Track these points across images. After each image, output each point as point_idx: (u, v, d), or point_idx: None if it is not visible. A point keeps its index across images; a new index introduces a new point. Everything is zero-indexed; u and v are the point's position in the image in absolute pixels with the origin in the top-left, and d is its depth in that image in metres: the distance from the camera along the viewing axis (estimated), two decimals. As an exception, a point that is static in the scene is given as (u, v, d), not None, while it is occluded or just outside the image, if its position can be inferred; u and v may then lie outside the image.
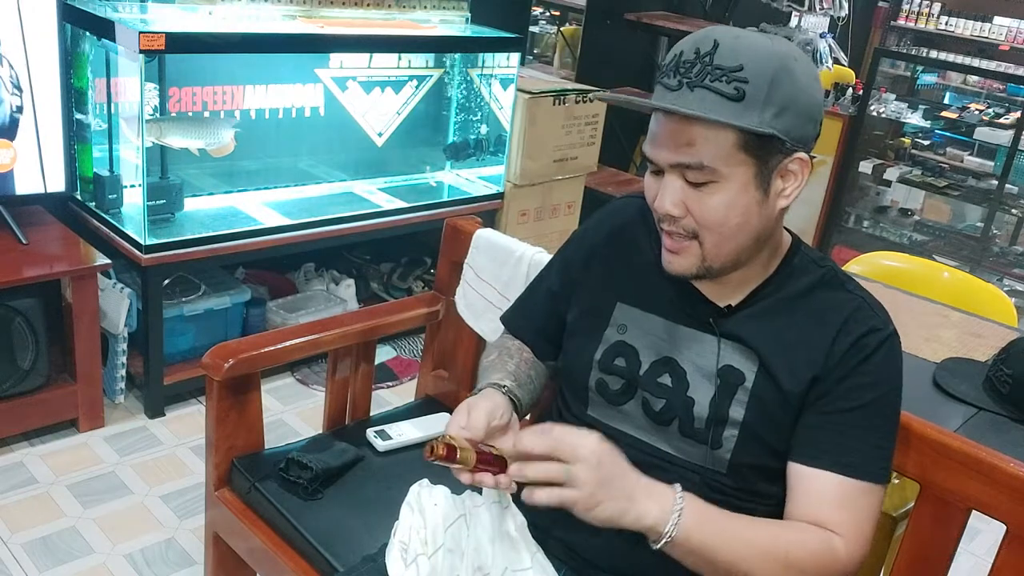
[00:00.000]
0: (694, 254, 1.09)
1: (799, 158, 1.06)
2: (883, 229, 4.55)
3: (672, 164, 1.05)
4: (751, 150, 1.03)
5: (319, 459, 1.60)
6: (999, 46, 6.69)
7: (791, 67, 1.02)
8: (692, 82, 1.02)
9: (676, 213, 1.07)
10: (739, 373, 1.13)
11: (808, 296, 1.14)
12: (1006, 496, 1.14)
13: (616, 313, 1.23)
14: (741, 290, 1.15)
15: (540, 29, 5.09)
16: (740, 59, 1.01)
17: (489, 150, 3.40)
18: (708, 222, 1.06)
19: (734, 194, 1.04)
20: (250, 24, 2.70)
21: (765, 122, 1.01)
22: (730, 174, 1.03)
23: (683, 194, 1.06)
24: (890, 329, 1.12)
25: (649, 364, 1.19)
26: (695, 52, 1.03)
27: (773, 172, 1.06)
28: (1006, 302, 2.25)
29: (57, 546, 2.09)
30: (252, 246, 2.65)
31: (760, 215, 1.07)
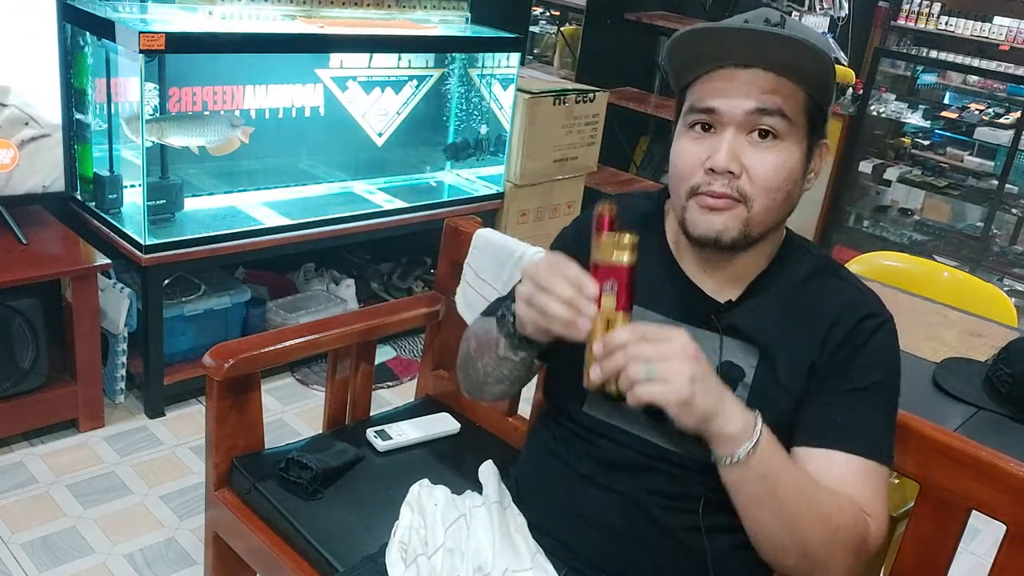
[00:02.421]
0: (738, 216, 1.07)
1: (825, 143, 1.12)
2: (883, 229, 4.55)
3: (749, 110, 1.04)
4: (811, 115, 1.07)
5: (319, 459, 1.60)
6: (999, 46, 6.69)
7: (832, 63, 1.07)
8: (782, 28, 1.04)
9: (735, 169, 1.05)
10: (739, 369, 1.12)
11: (805, 285, 1.15)
12: (1006, 496, 1.14)
13: None
14: (740, 283, 1.15)
15: (540, 29, 5.09)
16: (806, 34, 1.03)
17: (489, 150, 3.40)
18: (765, 180, 1.06)
19: (790, 155, 1.06)
20: (250, 24, 2.70)
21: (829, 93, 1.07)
22: (792, 134, 1.06)
23: (744, 150, 1.05)
24: (886, 315, 1.13)
25: None
26: (764, 21, 1.05)
27: (813, 147, 1.10)
28: (1006, 302, 2.25)
29: (57, 546, 2.09)
30: (252, 246, 2.65)
31: (798, 188, 1.11)
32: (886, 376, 1.12)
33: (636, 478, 1.15)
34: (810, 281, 1.15)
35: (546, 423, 1.29)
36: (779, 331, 1.12)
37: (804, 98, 1.06)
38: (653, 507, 1.14)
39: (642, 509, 1.15)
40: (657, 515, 1.14)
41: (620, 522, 1.15)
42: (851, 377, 1.10)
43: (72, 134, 2.53)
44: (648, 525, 1.14)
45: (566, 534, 1.19)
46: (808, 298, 1.13)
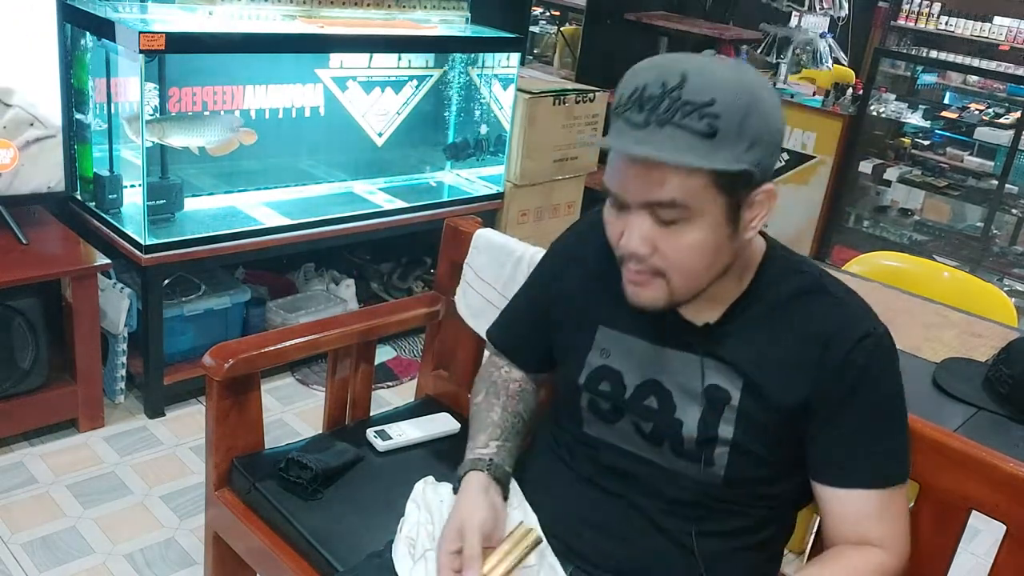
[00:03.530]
0: (660, 288, 1.06)
1: (766, 190, 1.04)
2: (883, 229, 4.55)
3: (642, 202, 1.01)
4: (723, 186, 0.99)
5: (319, 459, 1.60)
6: (999, 46, 6.69)
7: (760, 98, 0.99)
8: (661, 119, 0.97)
9: (644, 252, 1.03)
10: (725, 392, 1.11)
11: (789, 306, 1.11)
12: (1006, 496, 1.14)
13: (598, 336, 1.21)
14: (718, 306, 1.12)
15: (540, 29, 5.09)
16: (711, 93, 0.96)
17: (489, 150, 3.40)
18: (677, 262, 1.03)
19: (706, 231, 1.01)
20: (250, 24, 2.70)
21: (737, 157, 0.98)
22: (701, 211, 1.00)
23: (651, 233, 1.02)
24: (880, 330, 1.10)
25: (634, 388, 1.17)
26: (661, 86, 0.97)
27: (742, 205, 1.03)
28: (1006, 302, 2.25)
29: (57, 546, 2.09)
30: (252, 246, 2.65)
31: (729, 249, 1.05)
32: (890, 396, 1.11)
33: (636, 483, 1.17)
34: (795, 301, 1.11)
35: (550, 428, 1.31)
36: (765, 357, 1.10)
37: (710, 173, 0.98)
38: (653, 510, 1.15)
39: (642, 512, 1.16)
40: (657, 518, 1.15)
41: (621, 524, 1.17)
42: (856, 410, 1.08)
43: (72, 134, 2.53)
44: (648, 527, 1.16)
45: (570, 535, 1.19)
46: (795, 320, 1.10)
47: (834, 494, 1.10)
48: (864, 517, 1.09)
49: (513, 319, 1.39)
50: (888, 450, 1.10)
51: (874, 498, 1.08)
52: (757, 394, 1.09)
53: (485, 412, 1.30)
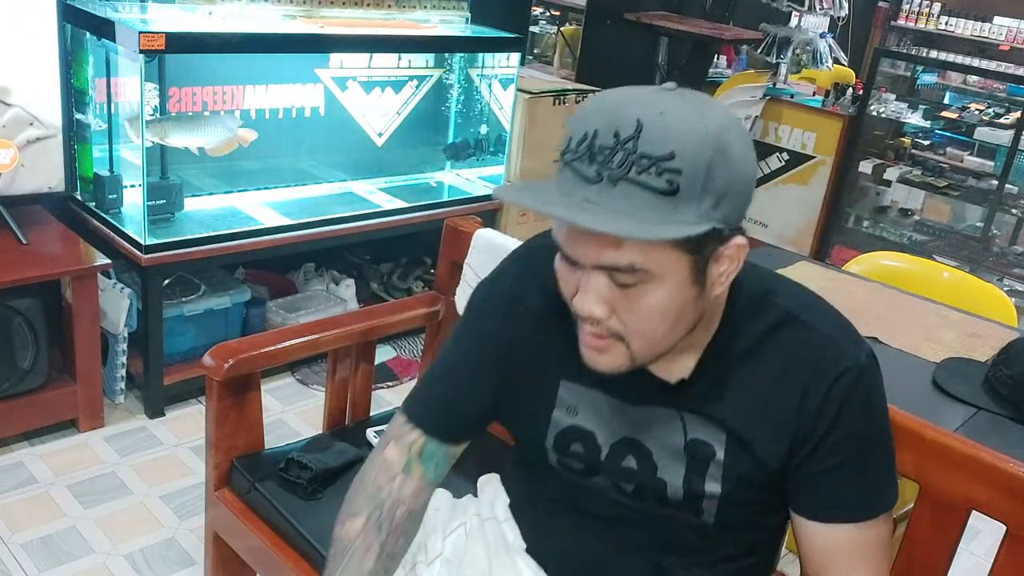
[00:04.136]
0: (620, 353, 0.95)
1: (736, 244, 0.93)
2: (883, 229, 4.55)
3: (597, 265, 0.90)
4: (687, 246, 0.88)
5: (319, 459, 1.60)
6: (999, 46, 6.69)
7: (727, 145, 0.87)
8: (614, 174, 0.85)
9: (602, 316, 0.92)
10: (709, 447, 1.03)
11: (764, 345, 1.01)
12: (1006, 496, 1.14)
13: (561, 393, 1.09)
14: (689, 359, 1.02)
15: (540, 29, 5.09)
16: (670, 144, 0.84)
17: (489, 150, 3.40)
18: (637, 327, 0.93)
19: (669, 294, 0.90)
20: (250, 24, 2.70)
21: (704, 215, 0.86)
22: (663, 273, 0.89)
23: (608, 294, 0.91)
24: (860, 360, 1.00)
25: (609, 448, 1.07)
26: (614, 136, 0.85)
27: (709, 261, 0.92)
28: (1006, 302, 2.25)
29: (57, 546, 2.09)
30: (252, 246, 2.65)
31: (695, 308, 0.94)
32: (873, 430, 1.03)
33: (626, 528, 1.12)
34: (771, 339, 1.01)
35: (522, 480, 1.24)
36: (744, 406, 1.02)
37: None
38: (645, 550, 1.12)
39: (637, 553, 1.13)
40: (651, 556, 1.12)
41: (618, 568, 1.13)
42: (836, 449, 1.01)
43: (72, 134, 2.53)
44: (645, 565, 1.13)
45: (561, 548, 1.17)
46: (771, 362, 1.01)
47: (812, 528, 1.05)
48: (840, 551, 1.04)
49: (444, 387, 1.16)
50: (870, 484, 1.04)
51: (853, 531, 1.03)
52: (742, 448, 1.02)
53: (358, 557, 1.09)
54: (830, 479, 1.02)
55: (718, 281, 0.94)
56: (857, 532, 1.03)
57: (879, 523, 1.04)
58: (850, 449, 1.01)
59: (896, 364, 1.74)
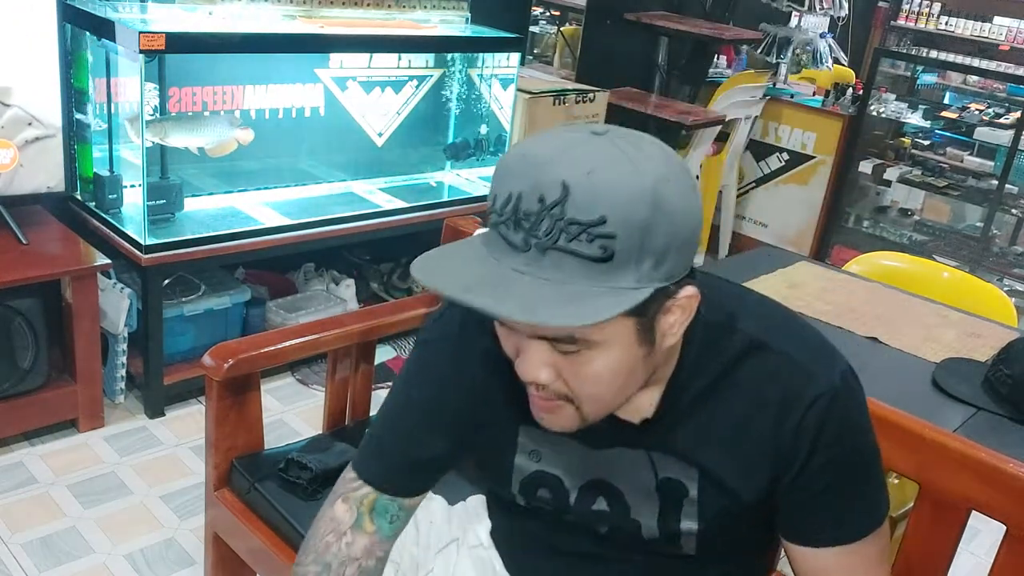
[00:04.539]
0: (570, 416, 0.91)
1: (686, 295, 0.86)
2: (883, 229, 4.55)
3: (533, 335, 0.85)
4: (631, 311, 0.81)
5: (319, 459, 1.60)
6: (999, 46, 6.69)
7: (663, 200, 0.79)
8: (542, 243, 0.78)
9: (547, 381, 0.87)
10: (681, 485, 0.99)
11: (730, 377, 0.96)
12: (1006, 496, 1.14)
13: (522, 438, 1.04)
14: (650, 397, 0.97)
15: (540, 29, 5.08)
16: (600, 208, 0.77)
17: (489, 150, 3.40)
18: (584, 392, 0.88)
19: (615, 358, 0.85)
20: (250, 24, 2.70)
21: (644, 277, 0.80)
22: (608, 339, 0.84)
23: (551, 359, 0.86)
24: (835, 381, 0.95)
25: (578, 491, 1.03)
26: (539, 200, 0.78)
27: (657, 318, 0.86)
28: (1006, 302, 2.25)
29: (57, 546, 2.09)
30: (252, 246, 2.65)
31: (646, 366, 0.89)
32: (855, 449, 0.98)
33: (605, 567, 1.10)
34: (736, 370, 0.96)
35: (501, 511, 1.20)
36: (713, 442, 0.97)
37: None
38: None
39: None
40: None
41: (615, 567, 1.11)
42: (818, 476, 0.97)
43: (72, 134, 2.53)
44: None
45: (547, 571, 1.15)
46: (739, 392, 0.96)
47: (802, 551, 1.02)
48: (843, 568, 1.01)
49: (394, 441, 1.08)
50: (857, 505, 1.00)
51: (845, 553, 1.00)
52: (716, 485, 0.99)
53: None
54: (815, 505, 0.99)
55: (669, 333, 0.88)
56: (848, 552, 1.00)
57: (871, 540, 1.01)
58: (832, 475, 0.97)
59: (896, 364, 1.75)
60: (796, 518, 1.01)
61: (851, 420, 0.97)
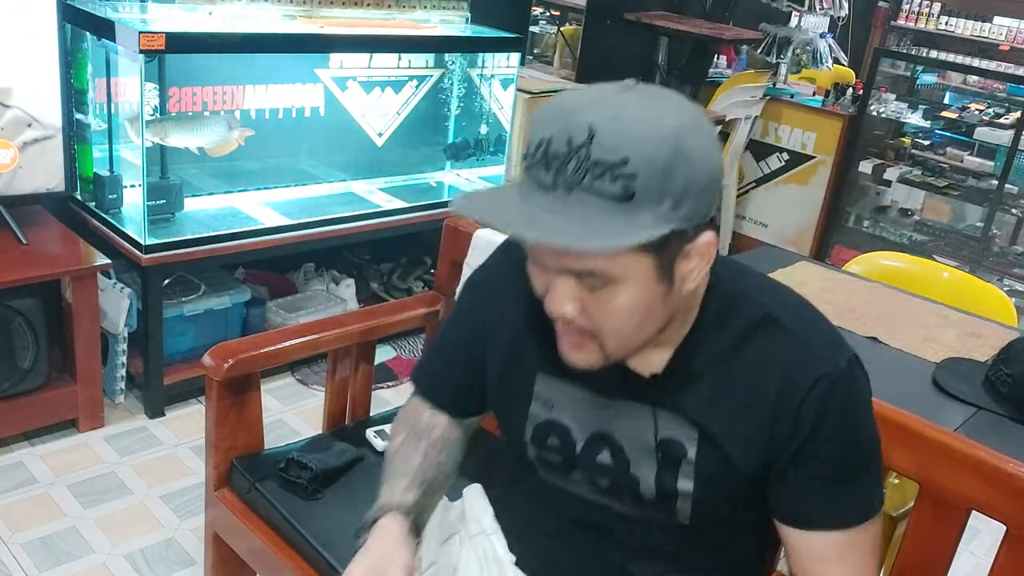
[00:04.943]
0: (595, 351, 0.96)
1: (704, 241, 0.92)
2: (883, 229, 4.55)
3: (559, 268, 0.91)
4: (650, 249, 0.88)
5: (319, 459, 1.60)
6: (999, 46, 6.69)
7: (684, 146, 0.85)
8: (569, 182, 0.85)
9: (572, 315, 0.93)
10: (680, 445, 1.03)
11: (741, 348, 1.00)
12: (1006, 496, 1.14)
13: (538, 387, 1.11)
14: (663, 353, 1.02)
15: (540, 29, 5.08)
16: (623, 149, 0.83)
17: (489, 150, 3.40)
18: (607, 326, 0.93)
19: (635, 294, 0.90)
20: (250, 24, 2.70)
21: (663, 217, 0.85)
22: (628, 275, 0.89)
23: (577, 293, 0.92)
24: (841, 366, 0.99)
25: (584, 441, 1.08)
26: (567, 143, 0.84)
27: (675, 260, 0.91)
28: (1006, 302, 2.25)
29: (57, 546, 2.09)
30: (252, 246, 2.65)
31: (665, 306, 0.94)
32: (854, 438, 1.01)
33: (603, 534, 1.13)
34: (747, 341, 1.00)
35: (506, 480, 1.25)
36: (718, 406, 1.01)
37: None
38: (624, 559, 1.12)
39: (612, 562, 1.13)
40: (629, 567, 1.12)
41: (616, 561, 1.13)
42: (815, 459, 1.00)
43: (72, 134, 2.53)
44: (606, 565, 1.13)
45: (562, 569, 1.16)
46: (747, 363, 1.00)
47: (795, 534, 1.04)
48: (825, 557, 1.03)
49: (440, 362, 1.25)
50: (851, 492, 1.02)
51: (836, 538, 1.02)
52: (714, 449, 1.02)
53: (404, 459, 1.17)
54: (809, 488, 1.01)
55: (688, 278, 0.94)
56: (839, 539, 1.02)
57: (863, 529, 1.03)
58: (829, 459, 1.00)
59: (896, 364, 1.74)
60: (789, 499, 1.03)
61: (852, 407, 1.00)
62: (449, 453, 1.21)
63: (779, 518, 1.05)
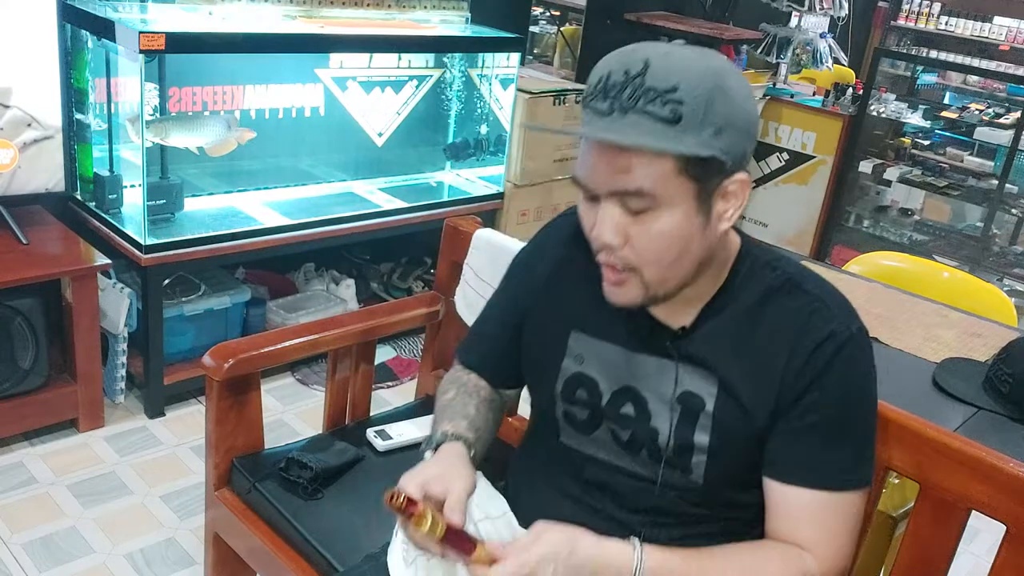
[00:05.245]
0: (636, 286, 1.04)
1: (739, 179, 1.02)
2: (883, 229, 4.55)
3: (609, 192, 1.00)
4: (691, 173, 0.98)
5: (319, 459, 1.60)
6: (999, 46, 6.69)
7: (726, 84, 0.97)
8: (624, 106, 0.96)
9: (615, 243, 1.01)
10: (698, 399, 1.09)
11: (763, 306, 1.09)
12: (1006, 496, 1.14)
13: (571, 343, 1.18)
14: (693, 308, 1.11)
15: (540, 29, 5.08)
16: (673, 79, 0.95)
17: (489, 150, 3.40)
18: (648, 253, 1.01)
19: (676, 221, 0.99)
20: (250, 24, 2.70)
21: (704, 143, 0.96)
22: (670, 199, 0.98)
23: (622, 222, 1.01)
24: (852, 329, 1.06)
25: (611, 394, 1.15)
26: (624, 73, 0.97)
27: (714, 194, 1.01)
28: (1006, 302, 2.25)
29: (57, 546, 2.09)
30: (252, 246, 2.65)
31: (702, 240, 1.02)
32: (851, 402, 1.07)
33: (616, 496, 1.16)
34: (768, 300, 1.09)
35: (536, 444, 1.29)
36: (737, 358, 1.08)
37: (676, 160, 0.97)
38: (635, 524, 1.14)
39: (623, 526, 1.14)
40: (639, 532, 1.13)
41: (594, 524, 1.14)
42: (812, 409, 1.06)
43: (72, 134, 2.53)
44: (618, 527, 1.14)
45: None
46: (767, 321, 1.08)
47: (775, 489, 1.08)
48: (800, 516, 1.07)
49: (483, 334, 1.34)
50: (840, 455, 1.07)
51: (815, 499, 1.06)
52: (731, 400, 1.08)
53: (461, 405, 1.25)
54: (795, 440, 1.07)
55: (723, 217, 1.03)
56: (814, 500, 1.06)
57: (840, 499, 1.07)
58: (824, 413, 1.06)
59: (896, 364, 1.74)
60: (775, 449, 1.08)
61: (854, 369, 1.07)
62: (494, 414, 1.29)
63: (766, 470, 1.10)
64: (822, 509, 1.07)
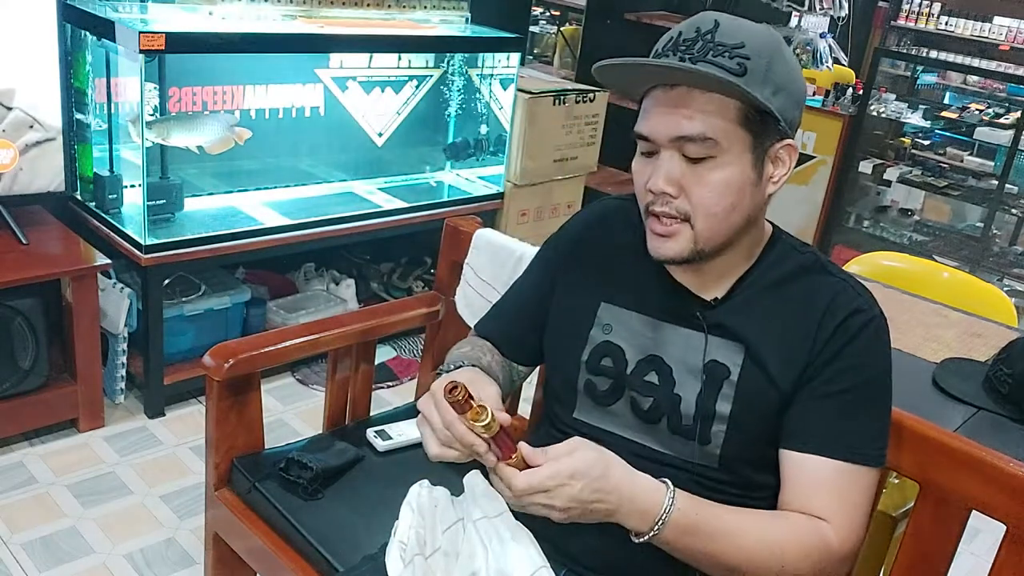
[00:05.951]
0: (686, 237, 1.09)
1: (788, 144, 1.10)
2: (883, 229, 4.55)
3: (673, 137, 1.05)
4: (750, 126, 1.05)
5: (319, 459, 1.60)
6: (999, 46, 6.70)
7: (784, 51, 1.07)
8: (695, 57, 1.03)
9: (671, 191, 1.07)
10: (724, 367, 1.13)
11: (792, 282, 1.14)
12: (1006, 496, 1.14)
13: (600, 313, 1.22)
14: (725, 281, 1.16)
15: (540, 29, 5.09)
16: (740, 36, 1.04)
17: (489, 150, 3.40)
18: (704, 201, 1.06)
19: (732, 171, 1.05)
20: (250, 24, 2.70)
21: (766, 98, 1.03)
22: (729, 148, 1.04)
23: (679, 171, 1.06)
24: (875, 311, 1.12)
25: (636, 363, 1.19)
26: (696, 31, 1.05)
27: (767, 153, 1.08)
28: (1006, 302, 2.25)
29: (57, 546, 2.09)
30: (252, 246, 2.65)
31: (752, 197, 1.08)
32: (872, 377, 1.11)
33: None
34: (798, 278, 1.15)
35: (545, 424, 1.31)
36: (765, 329, 1.12)
37: (738, 110, 1.04)
38: None
39: None
40: None
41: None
42: (835, 378, 1.09)
43: (72, 134, 2.53)
44: None
45: (560, 536, 1.18)
46: (796, 295, 1.13)
47: (794, 460, 1.10)
48: (817, 486, 1.08)
49: (501, 309, 1.38)
50: (860, 427, 1.10)
51: (832, 469, 1.08)
52: (756, 368, 1.11)
53: (475, 354, 1.27)
54: (822, 409, 1.09)
55: (770, 182, 1.10)
56: (829, 469, 1.08)
57: (854, 471, 1.09)
58: (845, 384, 1.09)
59: (896, 364, 1.74)
60: (793, 418, 1.11)
61: (879, 346, 1.12)
62: (505, 376, 1.29)
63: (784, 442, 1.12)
64: (841, 480, 1.08)
